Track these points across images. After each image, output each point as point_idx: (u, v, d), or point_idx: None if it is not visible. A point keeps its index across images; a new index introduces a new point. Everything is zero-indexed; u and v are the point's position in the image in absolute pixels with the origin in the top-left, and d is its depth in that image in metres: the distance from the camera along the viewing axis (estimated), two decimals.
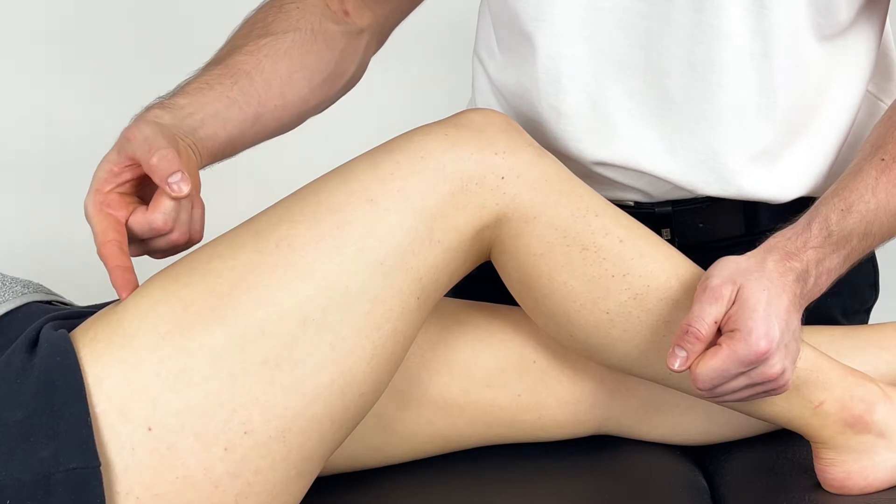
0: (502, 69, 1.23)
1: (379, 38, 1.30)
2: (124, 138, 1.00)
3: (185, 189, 0.96)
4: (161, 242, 1.00)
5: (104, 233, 0.97)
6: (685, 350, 0.95)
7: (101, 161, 1.01)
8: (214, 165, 1.11)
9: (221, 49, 1.19)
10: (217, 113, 1.09)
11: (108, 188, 0.99)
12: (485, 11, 1.28)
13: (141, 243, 1.00)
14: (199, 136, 1.06)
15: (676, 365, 0.95)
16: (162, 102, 1.08)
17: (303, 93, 1.19)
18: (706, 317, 0.95)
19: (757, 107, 1.16)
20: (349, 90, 1.28)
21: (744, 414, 1.09)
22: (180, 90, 1.10)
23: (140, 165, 0.99)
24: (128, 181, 1.00)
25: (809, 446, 1.07)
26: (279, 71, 1.16)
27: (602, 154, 1.19)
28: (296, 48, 1.18)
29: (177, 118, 1.05)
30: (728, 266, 0.98)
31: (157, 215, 0.97)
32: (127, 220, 0.99)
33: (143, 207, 0.99)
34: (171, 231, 0.98)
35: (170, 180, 0.96)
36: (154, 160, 0.97)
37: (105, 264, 0.97)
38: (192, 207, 1.00)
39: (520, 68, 1.20)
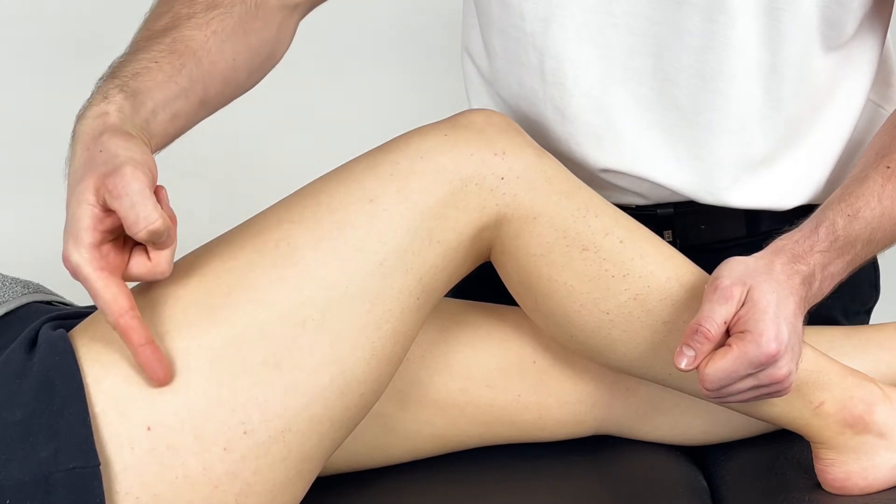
0: (498, 67, 1.22)
1: (306, 12, 1.18)
2: (103, 182, 0.87)
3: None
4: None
5: (115, 302, 0.87)
6: (693, 350, 0.95)
7: (76, 200, 0.87)
8: (213, 167, 1.10)
9: (162, 6, 1.06)
10: (167, 103, 0.98)
11: (97, 239, 0.87)
12: (469, 3, 1.26)
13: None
14: (151, 131, 0.95)
15: (684, 364, 0.95)
16: (119, 83, 0.96)
17: (241, 80, 1.08)
18: (716, 317, 0.95)
19: (761, 117, 1.16)
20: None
21: (744, 414, 1.08)
22: (130, 68, 0.98)
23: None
24: (116, 227, 0.89)
25: (809, 446, 1.07)
26: (225, 54, 1.05)
27: (605, 159, 1.18)
28: (241, 26, 1.06)
29: (133, 107, 0.94)
30: (737, 267, 0.97)
31: (165, 269, 0.90)
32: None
33: (140, 252, 0.90)
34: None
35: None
36: (143, 235, 0.87)
37: (129, 341, 0.88)
38: None
39: (521, 67, 1.19)
